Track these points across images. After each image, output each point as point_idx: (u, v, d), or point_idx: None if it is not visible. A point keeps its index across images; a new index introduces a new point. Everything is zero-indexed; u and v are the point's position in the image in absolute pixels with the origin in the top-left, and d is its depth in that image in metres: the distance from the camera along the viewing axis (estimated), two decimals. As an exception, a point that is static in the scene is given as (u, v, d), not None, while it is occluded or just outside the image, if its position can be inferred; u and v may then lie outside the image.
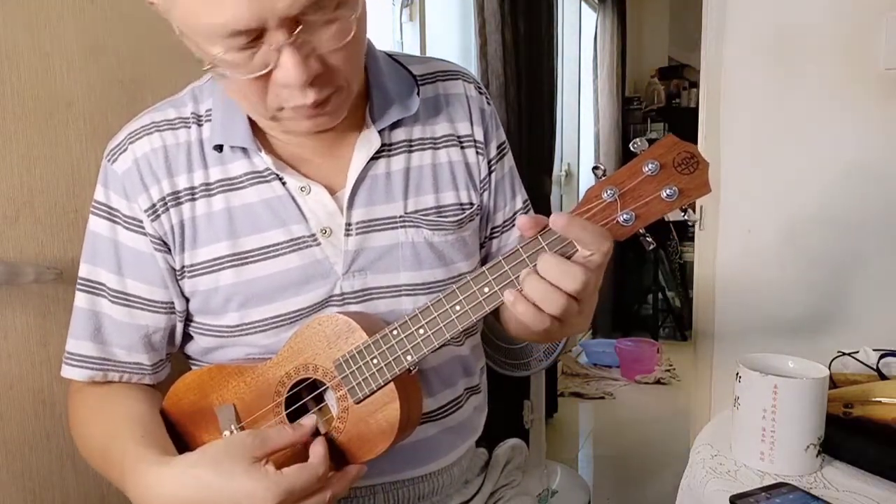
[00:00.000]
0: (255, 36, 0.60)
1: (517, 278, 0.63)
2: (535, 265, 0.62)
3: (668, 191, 0.60)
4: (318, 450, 0.67)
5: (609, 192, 0.61)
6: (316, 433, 0.70)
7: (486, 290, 0.64)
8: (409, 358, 0.68)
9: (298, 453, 0.68)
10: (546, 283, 0.61)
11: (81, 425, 0.79)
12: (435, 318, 0.66)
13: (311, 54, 0.63)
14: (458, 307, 0.65)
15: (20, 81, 0.87)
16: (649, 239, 0.63)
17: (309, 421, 0.69)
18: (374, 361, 0.69)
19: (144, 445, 0.69)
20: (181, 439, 0.77)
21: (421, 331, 0.67)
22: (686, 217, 0.62)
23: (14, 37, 0.86)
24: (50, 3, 0.90)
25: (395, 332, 0.68)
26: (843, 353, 1.00)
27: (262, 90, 0.65)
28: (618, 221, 0.61)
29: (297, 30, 0.60)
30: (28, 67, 0.88)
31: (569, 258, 0.62)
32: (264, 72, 0.63)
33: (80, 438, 0.79)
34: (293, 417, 0.73)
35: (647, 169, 0.60)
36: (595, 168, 0.63)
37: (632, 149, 0.61)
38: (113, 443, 0.72)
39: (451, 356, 0.84)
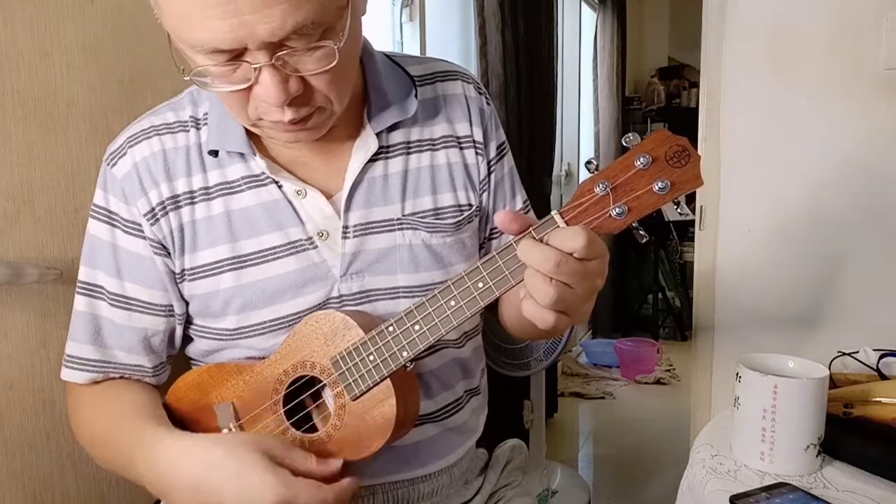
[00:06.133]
0: (237, 54, 0.60)
1: (511, 273, 0.63)
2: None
3: (660, 184, 0.60)
4: (344, 484, 0.65)
5: (601, 185, 0.61)
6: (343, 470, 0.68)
7: (481, 284, 0.64)
8: (405, 354, 0.68)
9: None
10: (533, 271, 0.60)
11: (83, 416, 0.79)
12: (430, 313, 0.66)
13: (292, 75, 0.63)
14: (452, 302, 0.65)
15: (20, 81, 0.87)
16: (642, 232, 0.63)
17: (336, 465, 0.68)
18: (371, 358, 0.69)
19: (156, 424, 0.70)
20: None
21: (416, 326, 0.67)
22: (679, 210, 0.62)
23: (14, 37, 0.86)
24: (50, 3, 0.90)
25: (390, 329, 0.68)
26: (843, 353, 1.00)
27: (243, 100, 0.66)
28: (610, 215, 0.61)
29: (278, 53, 0.60)
30: (28, 67, 0.88)
31: None
32: (245, 86, 0.63)
33: (82, 428, 0.79)
34: (290, 415, 0.73)
35: (639, 163, 0.60)
36: (588, 162, 0.63)
37: (624, 143, 0.61)
38: (119, 425, 0.73)
39: (451, 358, 0.84)
